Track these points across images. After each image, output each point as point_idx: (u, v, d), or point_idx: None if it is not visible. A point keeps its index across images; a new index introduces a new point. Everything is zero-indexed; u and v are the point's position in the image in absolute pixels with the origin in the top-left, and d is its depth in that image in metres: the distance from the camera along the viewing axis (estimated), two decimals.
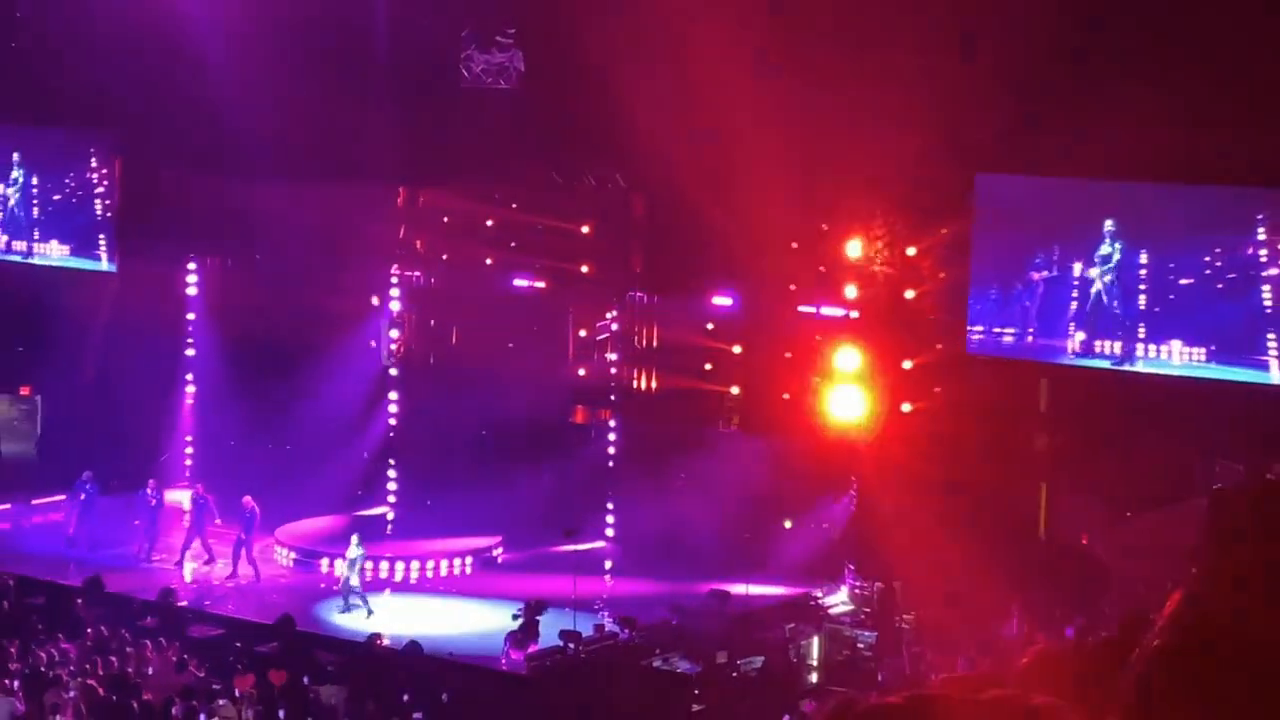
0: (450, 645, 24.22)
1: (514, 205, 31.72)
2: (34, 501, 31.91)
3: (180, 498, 29.94)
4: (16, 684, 20.70)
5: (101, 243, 31.78)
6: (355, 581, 26.69)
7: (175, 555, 28.69)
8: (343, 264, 31.63)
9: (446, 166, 30.60)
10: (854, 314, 27.56)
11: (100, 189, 31.55)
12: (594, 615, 25.86)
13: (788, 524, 28.21)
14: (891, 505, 26.91)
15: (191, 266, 33.14)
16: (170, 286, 33.07)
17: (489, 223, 32.07)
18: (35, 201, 32.34)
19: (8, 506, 31.60)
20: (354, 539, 27.01)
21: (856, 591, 26.46)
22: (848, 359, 27.61)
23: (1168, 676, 4.52)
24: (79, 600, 24.83)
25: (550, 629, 24.32)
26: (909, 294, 27.10)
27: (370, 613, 26.34)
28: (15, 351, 34.08)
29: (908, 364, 27.25)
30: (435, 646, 23.85)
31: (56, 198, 32.40)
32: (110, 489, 31.29)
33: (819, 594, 26.68)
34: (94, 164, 31.71)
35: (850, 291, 27.55)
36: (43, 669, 21.43)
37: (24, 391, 34.79)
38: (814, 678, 25.00)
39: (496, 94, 29.57)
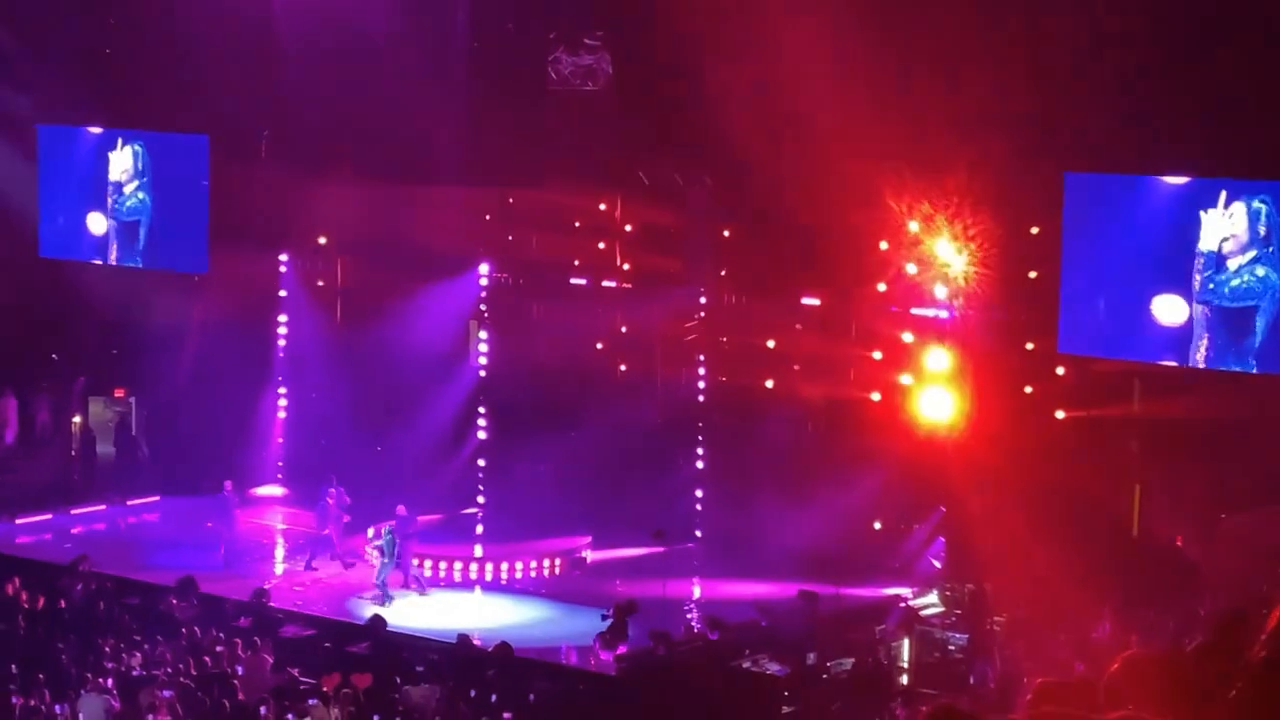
0: (540, 646, 24.29)
1: (602, 206, 31.75)
2: (129, 502, 32.30)
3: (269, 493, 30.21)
4: (111, 683, 20.97)
5: (194, 244, 32.06)
6: (383, 574, 26.87)
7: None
8: (433, 264, 31.79)
9: (535, 167, 30.68)
10: (943, 314, 27.36)
11: (194, 191, 31.84)
12: (683, 616, 25.84)
13: (877, 525, 28.05)
14: (982, 506, 26.72)
15: (283, 268, 33.41)
16: (261, 287, 33.36)
17: (576, 224, 32.12)
18: (139, 207, 32.67)
19: (103, 508, 31.99)
20: (385, 530, 27.12)
21: (947, 593, 26.27)
22: (938, 359, 27.43)
23: (1272, 690, 4.45)
24: (173, 601, 25.10)
25: (639, 630, 24.32)
26: (999, 294, 26.86)
27: (388, 601, 26.48)
28: (110, 354, 34.49)
29: (999, 364, 27.02)
30: (525, 647, 23.93)
31: (150, 201, 32.70)
32: (201, 490, 31.64)
33: (909, 595, 26.52)
34: (188, 166, 31.99)
35: (940, 291, 27.36)
36: (138, 669, 21.70)
37: (118, 394, 35.21)
38: (904, 680, 24.85)
39: (584, 95, 29.62)
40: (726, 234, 30.38)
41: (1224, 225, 23.73)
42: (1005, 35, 24.54)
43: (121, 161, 32.39)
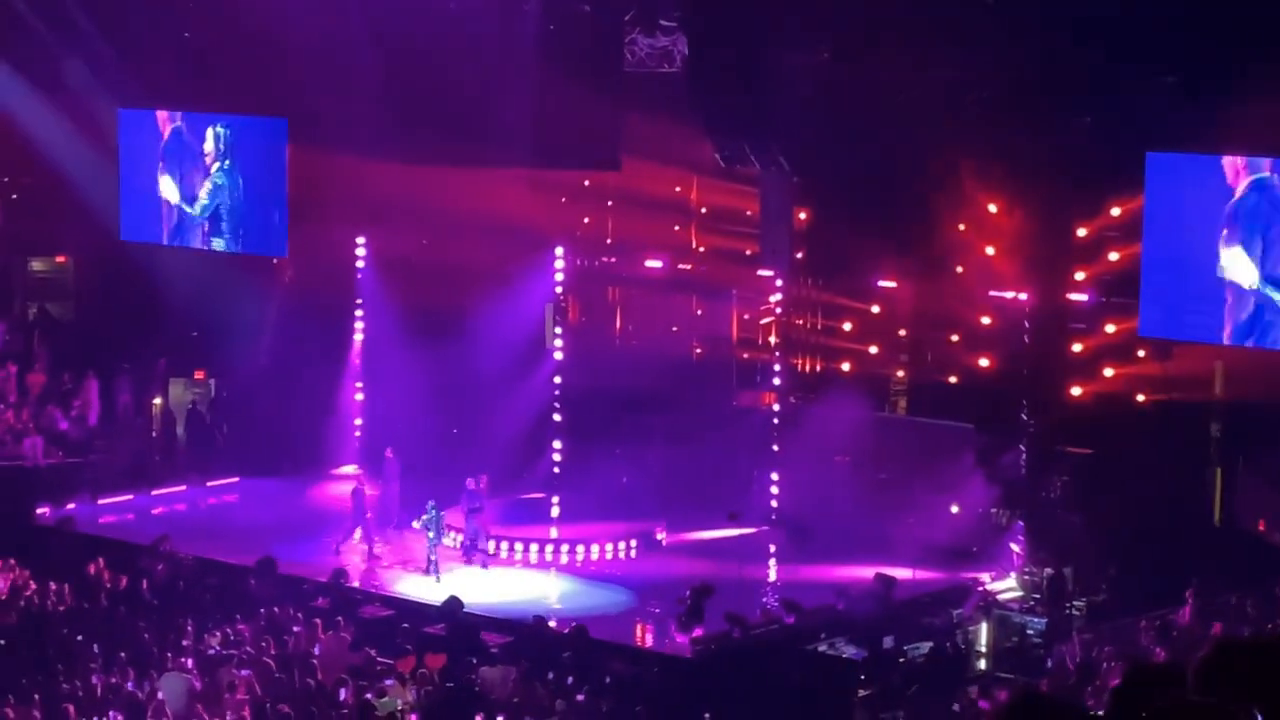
0: (615, 628, 24.33)
1: (677, 188, 31.71)
2: (209, 484, 32.57)
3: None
4: (190, 662, 21.16)
5: (274, 227, 32.26)
6: (439, 541, 27.12)
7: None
8: (508, 247, 31.86)
9: (610, 149, 30.67)
10: (1022, 295, 27.18)
11: (273, 175, 32.04)
12: (758, 599, 25.80)
13: (955, 508, 27.90)
14: (1060, 490, 26.56)
15: (360, 251, 33.57)
16: (340, 270, 33.54)
17: (652, 206, 32.09)
18: (220, 189, 32.92)
19: (184, 488, 32.27)
20: (429, 507, 27.31)
21: (1025, 577, 26.11)
22: (1016, 342, 27.26)
23: None
24: (252, 581, 25.30)
25: (715, 612, 24.30)
26: (1079, 275, 26.66)
27: (434, 575, 26.70)
28: (190, 336, 34.77)
29: (1078, 346, 26.82)
30: (601, 629, 23.98)
31: (231, 184, 32.92)
32: (282, 471, 31.89)
33: (987, 579, 26.38)
34: (267, 149, 32.20)
35: (1018, 273, 27.17)
36: (217, 649, 21.89)
37: (199, 375, 35.52)
38: (982, 664, 24.73)
39: (660, 77, 29.58)
40: (803, 216, 30.28)
41: None
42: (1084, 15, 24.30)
43: (205, 145, 32.61)
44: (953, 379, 28.43)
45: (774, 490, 30.01)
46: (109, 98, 33.28)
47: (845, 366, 30.15)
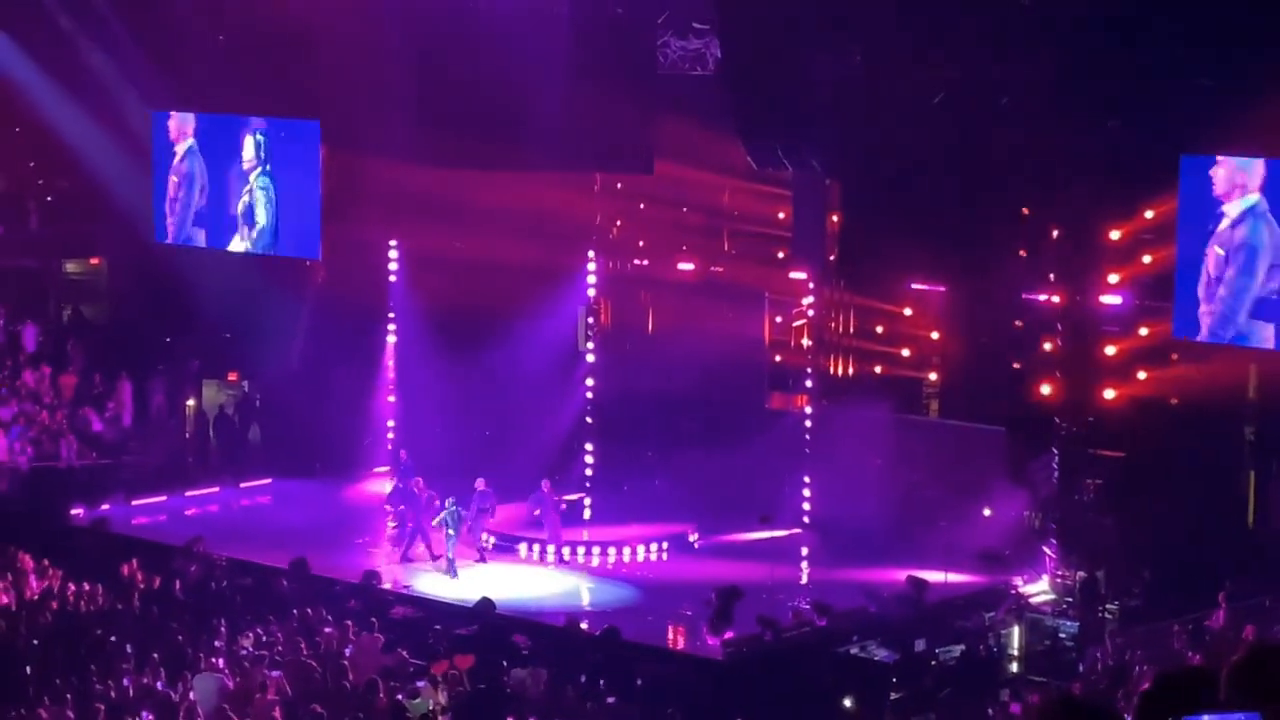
0: (647, 630, 24.32)
1: (710, 191, 31.69)
2: (241, 485, 32.68)
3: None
4: (222, 662, 21.23)
5: (307, 229, 32.36)
6: (456, 539, 27.23)
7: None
8: (541, 249, 31.89)
9: (643, 152, 30.67)
10: (1055, 299, 27.10)
11: (306, 177, 32.14)
12: (790, 602, 25.77)
13: (987, 512, 27.82)
14: (1093, 493, 26.46)
15: (393, 253, 33.63)
16: (372, 273, 33.61)
17: (685, 209, 32.10)
18: (254, 193, 33.03)
19: (217, 490, 32.38)
20: (448, 503, 27.36)
21: (1058, 580, 26.02)
22: (1049, 345, 27.18)
23: None
24: (284, 582, 25.37)
25: (746, 615, 24.29)
26: (1112, 278, 26.57)
27: (453, 576, 26.82)
28: (223, 338, 34.90)
29: (1111, 349, 26.73)
30: (632, 631, 23.97)
31: (265, 187, 33.03)
32: (314, 473, 31.97)
33: (1019, 582, 26.30)
34: (301, 152, 32.29)
35: (1051, 276, 27.10)
36: (250, 649, 21.96)
37: (232, 377, 35.65)
38: (1014, 668, 24.67)
39: (693, 80, 29.57)
40: (835, 218, 30.22)
41: None
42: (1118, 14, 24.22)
43: (244, 152, 32.72)
44: (984, 381, 28.33)
45: (806, 493, 29.98)
46: (142, 100, 33.42)
47: (877, 369, 30.10)
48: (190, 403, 35.04)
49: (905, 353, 29.68)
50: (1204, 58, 23.44)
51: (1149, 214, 25.88)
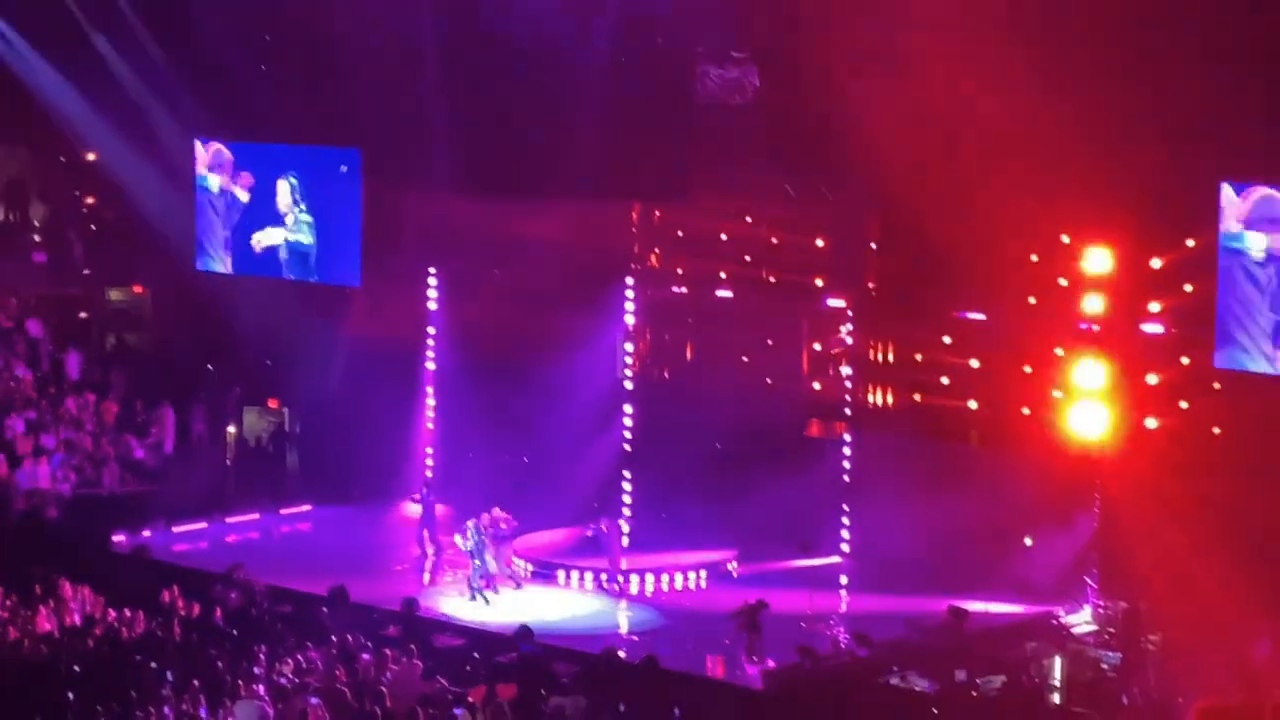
0: (685, 659, 24.28)
1: (748, 219, 31.70)
2: (281, 511, 32.78)
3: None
4: (263, 689, 21.25)
5: (347, 258, 32.51)
6: (479, 572, 27.39)
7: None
8: (579, 278, 31.94)
9: (681, 181, 30.72)
10: (1095, 327, 27.00)
11: (347, 206, 32.31)
12: (829, 631, 25.70)
13: (1028, 541, 27.70)
14: (1136, 523, 26.32)
15: (432, 281, 33.75)
16: (411, 301, 33.75)
17: (723, 236, 32.11)
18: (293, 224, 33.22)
19: (257, 516, 32.48)
20: (469, 527, 27.53)
21: (1100, 611, 25.88)
22: (1089, 374, 27.08)
23: None
24: (324, 609, 25.41)
25: (785, 643, 24.25)
26: (1153, 307, 26.47)
27: (473, 598, 27.12)
28: (264, 365, 35.05)
29: (1152, 379, 26.61)
30: (670, 660, 23.94)
31: (303, 218, 33.21)
32: (354, 499, 32.05)
33: (1061, 613, 26.16)
34: (341, 181, 32.47)
35: (1092, 305, 27.01)
36: (289, 676, 21.98)
37: (272, 404, 35.79)
38: (1056, 699, 24.51)
39: (731, 109, 29.60)
40: (873, 246, 30.17)
41: None
42: (1159, 45, 24.16)
43: (279, 199, 32.94)
44: (1026, 410, 28.23)
45: (845, 521, 29.91)
46: (183, 129, 33.65)
47: (916, 397, 30.00)
48: (231, 430, 35.20)
49: (945, 381, 29.57)
50: (1248, 85, 23.36)
51: (1190, 242, 25.78)
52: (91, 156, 34.44)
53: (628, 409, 32.12)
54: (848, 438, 30.41)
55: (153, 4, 32.08)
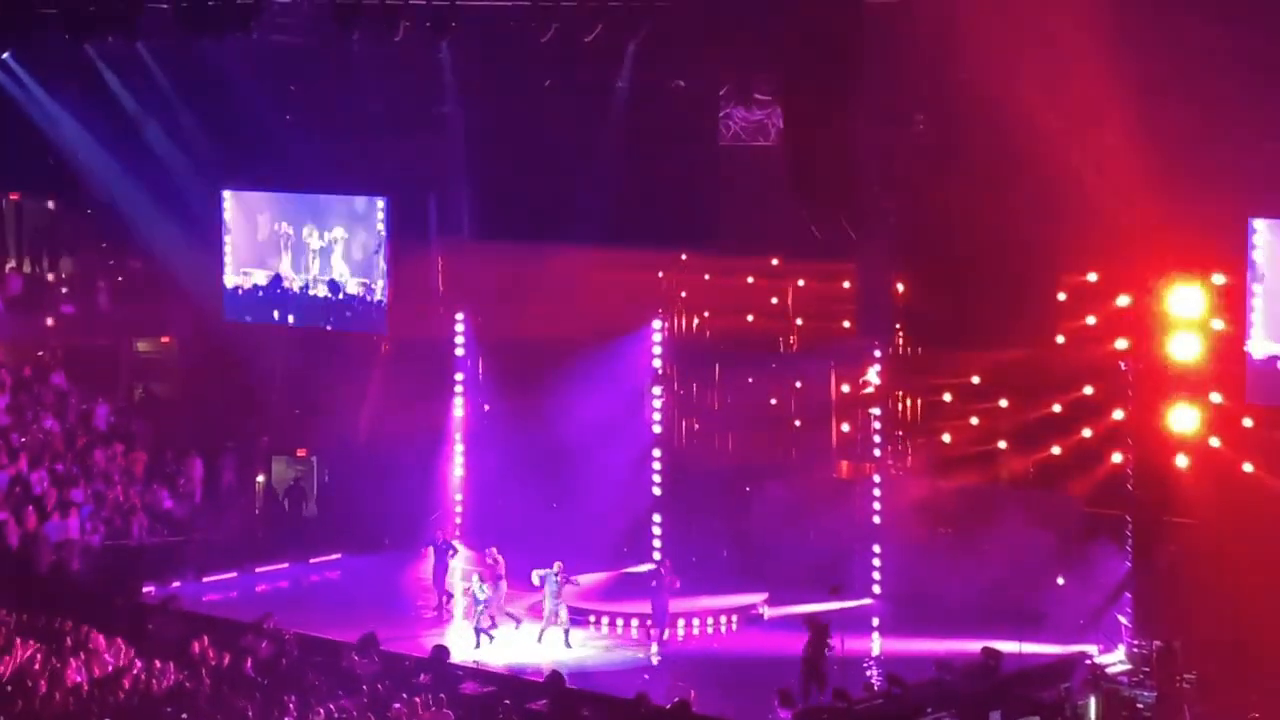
0: (713, 703, 24.14)
1: (774, 260, 31.69)
2: (311, 560, 32.77)
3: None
4: None
5: (374, 305, 32.60)
6: (479, 616, 27.33)
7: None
8: (606, 323, 31.95)
9: (706, 223, 30.74)
10: (1123, 365, 26.91)
11: (373, 254, 32.41)
12: (862, 673, 25.55)
13: (1060, 581, 27.54)
14: (1170, 561, 26.15)
15: (459, 327, 33.78)
16: (439, 346, 33.79)
17: (750, 279, 32.10)
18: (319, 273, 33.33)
19: (286, 566, 32.46)
20: (475, 578, 27.61)
21: (1134, 650, 25.69)
22: (1117, 412, 26.99)
23: None
24: (355, 657, 25.34)
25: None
26: (1182, 343, 26.35)
27: (478, 645, 26.95)
28: (292, 413, 35.10)
29: (1182, 416, 26.46)
30: (700, 705, 23.79)
31: (328, 266, 33.31)
32: (383, 548, 32.01)
33: (1095, 653, 25.98)
34: (367, 230, 32.59)
35: (1121, 343, 26.93)
36: None
37: (301, 453, 35.82)
38: None
39: (756, 150, 29.64)
40: (900, 287, 30.13)
41: None
42: (1190, 79, 24.11)
43: (308, 241, 33.08)
44: (1056, 449, 28.12)
45: (876, 563, 29.77)
46: (208, 179, 33.82)
47: (946, 438, 29.88)
48: (260, 479, 35.21)
49: (974, 420, 29.46)
50: (1273, 119, 23.31)
51: (1219, 279, 25.68)
52: (119, 208, 34.58)
53: (656, 453, 32.04)
54: (877, 479, 30.30)
55: (177, 57, 32.25)
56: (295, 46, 31.43)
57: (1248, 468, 25.80)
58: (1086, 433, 27.61)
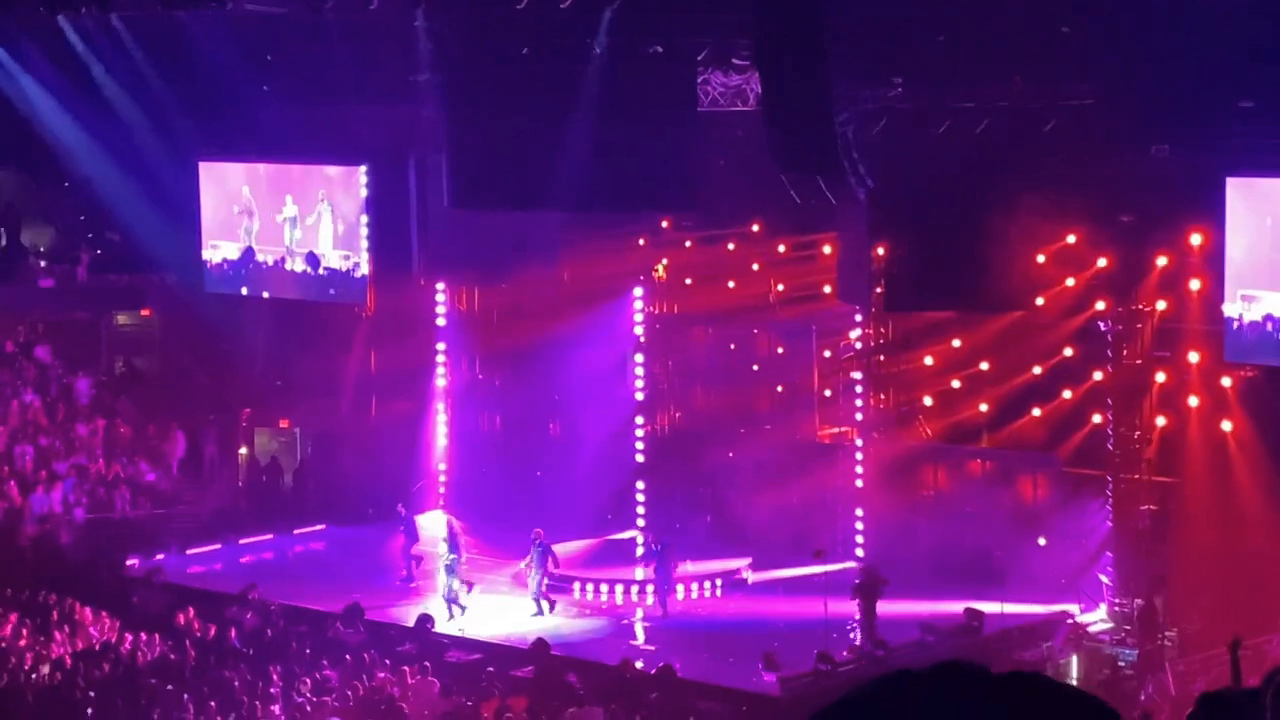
0: (699, 668, 24.24)
1: (754, 226, 31.70)
2: (295, 531, 32.77)
3: (433, 523, 30.35)
4: (279, 709, 21.26)
5: (355, 276, 32.52)
6: (449, 585, 27.11)
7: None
8: (587, 289, 31.96)
9: (686, 190, 30.66)
10: (1103, 325, 26.97)
11: (354, 223, 32.33)
12: (846, 636, 25.66)
13: (1042, 541, 27.65)
14: (1150, 519, 26.28)
15: (440, 297, 33.76)
16: (421, 317, 33.76)
17: (730, 245, 32.11)
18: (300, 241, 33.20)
19: (270, 537, 32.47)
20: (442, 544, 27.44)
21: (1115, 609, 25.82)
22: (1099, 373, 27.06)
23: None
24: (340, 627, 25.41)
25: (802, 651, 24.21)
26: (1161, 304, 26.43)
27: (451, 616, 26.70)
28: (274, 385, 35.07)
29: (1161, 375, 26.57)
30: (685, 669, 23.89)
31: (310, 235, 33.21)
32: (367, 518, 32.04)
33: (1077, 611, 26.11)
34: (349, 198, 32.50)
35: (1100, 304, 26.99)
36: (307, 695, 21.99)
37: (283, 424, 35.80)
38: None
39: (735, 115, 29.60)
40: (880, 251, 30.14)
41: None
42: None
43: (283, 210, 32.98)
44: (1036, 411, 28.21)
45: (859, 526, 29.87)
46: (186, 150, 33.68)
47: (927, 401, 29.96)
48: (242, 451, 35.20)
49: (955, 384, 29.55)
50: (1248, 79, 23.31)
51: (1196, 239, 25.74)
52: (96, 181, 34.44)
53: (639, 420, 32.09)
54: (859, 443, 30.37)
55: (151, 28, 32.09)
56: (270, 16, 31.28)
57: (1226, 426, 25.91)
58: (1067, 394, 27.69)
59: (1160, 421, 26.46)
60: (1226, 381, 25.89)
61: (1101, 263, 26.96)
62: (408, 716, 21.30)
